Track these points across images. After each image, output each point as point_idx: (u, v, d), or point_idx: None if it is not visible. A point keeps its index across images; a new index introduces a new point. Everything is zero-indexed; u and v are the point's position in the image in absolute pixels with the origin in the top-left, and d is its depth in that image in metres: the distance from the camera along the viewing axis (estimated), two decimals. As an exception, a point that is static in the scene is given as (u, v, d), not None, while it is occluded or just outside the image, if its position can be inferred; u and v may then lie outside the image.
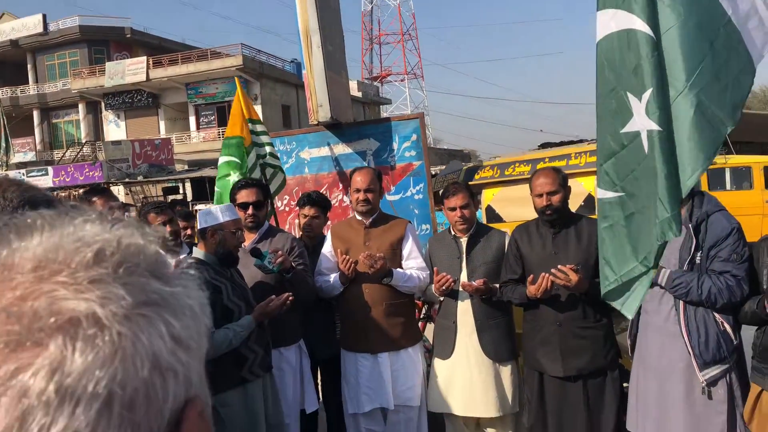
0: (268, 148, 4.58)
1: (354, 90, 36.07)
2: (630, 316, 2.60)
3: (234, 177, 4.42)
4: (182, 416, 0.51)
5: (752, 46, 2.20)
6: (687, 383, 2.83)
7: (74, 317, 0.46)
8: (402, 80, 60.03)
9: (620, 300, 2.51)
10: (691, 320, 2.81)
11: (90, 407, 0.44)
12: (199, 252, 3.02)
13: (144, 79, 29.18)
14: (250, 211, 3.55)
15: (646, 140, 2.20)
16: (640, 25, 2.20)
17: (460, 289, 3.46)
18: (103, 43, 32.58)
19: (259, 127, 4.71)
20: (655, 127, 2.16)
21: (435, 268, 3.52)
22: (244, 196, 3.60)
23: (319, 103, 4.36)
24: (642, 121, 2.19)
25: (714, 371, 2.78)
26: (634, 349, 3.13)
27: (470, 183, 4.15)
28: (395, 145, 4.57)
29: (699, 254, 2.81)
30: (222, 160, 4.55)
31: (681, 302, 2.83)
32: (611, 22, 2.26)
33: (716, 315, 2.78)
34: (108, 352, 0.46)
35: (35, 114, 33.52)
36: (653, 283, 2.91)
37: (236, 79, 5.49)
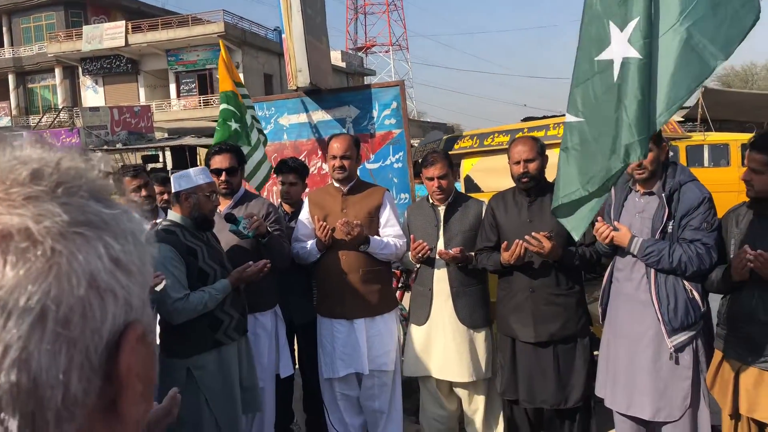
0: (251, 112, 4.54)
1: (338, 60, 35.68)
2: (576, 238, 2.72)
3: (234, 125, 4.42)
4: (122, 337, 0.51)
5: None
6: (655, 349, 2.90)
7: (6, 231, 0.46)
8: (387, 51, 59.51)
9: (567, 219, 2.63)
10: (662, 288, 2.86)
11: (22, 321, 0.44)
12: (174, 215, 3.00)
13: (123, 44, 28.60)
14: (223, 177, 3.51)
15: (618, 68, 2.23)
16: None
17: (437, 256, 3.49)
18: (79, 5, 31.79)
19: (242, 91, 4.65)
20: (635, 54, 2.19)
21: (412, 236, 3.55)
22: (217, 161, 3.56)
23: (298, 69, 4.31)
24: (620, 50, 2.22)
25: (681, 337, 2.85)
26: (605, 317, 3.19)
27: (450, 153, 4.15)
28: (375, 113, 4.54)
29: (671, 223, 2.86)
30: (222, 106, 4.48)
31: (652, 271, 2.88)
32: None
33: (686, 283, 2.84)
34: (40, 267, 0.46)
35: (10, 78, 32.77)
36: (626, 252, 2.96)
37: (221, 41, 5.41)
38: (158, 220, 3.43)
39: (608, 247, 3.04)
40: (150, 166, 20.53)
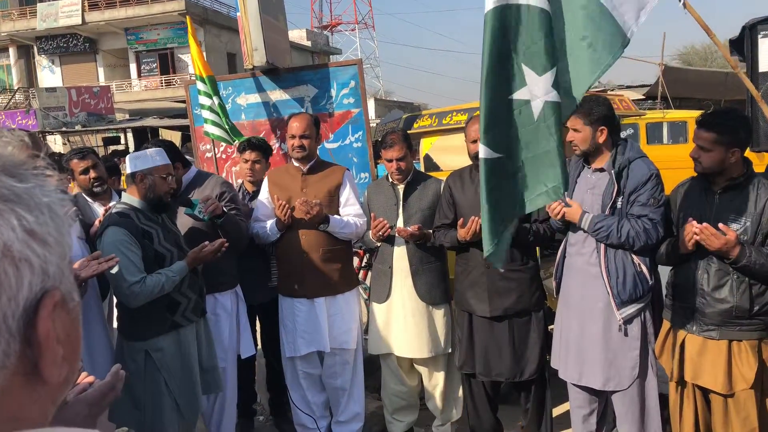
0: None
1: (303, 39, 35.24)
2: (501, 269, 2.72)
3: (206, 113, 4.52)
4: (40, 304, 0.54)
5: (621, 21, 2.35)
6: (605, 321, 2.99)
7: None
8: (353, 30, 58.94)
9: (497, 257, 2.53)
10: (611, 262, 2.95)
11: None
12: (128, 197, 2.96)
13: (79, 22, 27.72)
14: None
15: (539, 109, 2.32)
16: (543, 3, 2.29)
17: (396, 234, 3.52)
18: (33, -18, 30.65)
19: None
20: (556, 99, 2.31)
21: (372, 214, 3.57)
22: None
23: (254, 47, 4.26)
24: (537, 92, 2.31)
25: (630, 310, 2.94)
26: (559, 291, 3.27)
27: (409, 132, 4.16)
28: (333, 92, 4.52)
29: (620, 199, 2.93)
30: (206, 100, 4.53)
31: (602, 245, 2.96)
32: None
33: (634, 257, 2.93)
34: None
35: (-39, 58, 31.55)
36: (577, 228, 3.03)
37: (187, 18, 5.35)
38: (112, 203, 3.38)
39: (561, 222, 3.11)
40: (112, 148, 20.11)
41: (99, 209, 3.50)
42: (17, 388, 0.54)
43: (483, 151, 2.36)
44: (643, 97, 16.53)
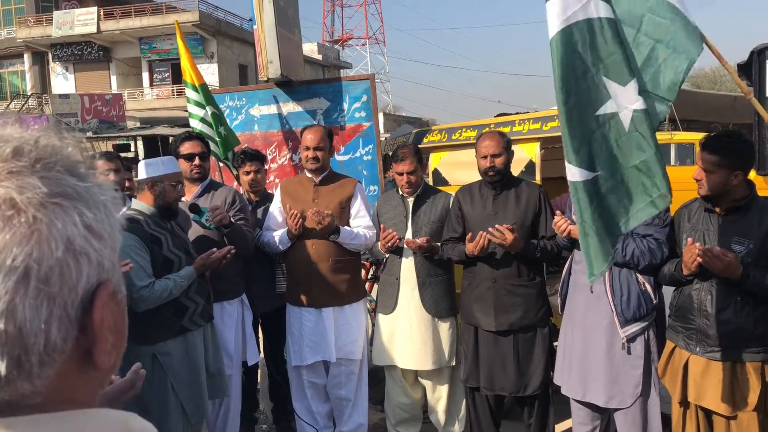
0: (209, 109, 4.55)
1: (314, 52, 35.50)
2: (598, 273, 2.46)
3: (196, 123, 4.51)
4: (95, 295, 0.59)
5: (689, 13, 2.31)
6: (609, 339, 3.01)
7: None
8: (363, 44, 59.36)
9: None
10: (616, 280, 2.97)
11: (9, 278, 0.53)
12: (139, 203, 3.01)
13: (94, 30, 28.05)
14: (196, 161, 3.55)
15: (629, 119, 2.26)
16: (610, 13, 2.27)
17: (405, 246, 3.56)
18: (50, -10, 31.08)
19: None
20: (643, 106, 2.26)
21: (381, 226, 3.61)
22: (188, 147, 3.60)
23: (269, 60, 4.33)
24: (624, 102, 2.26)
25: (634, 328, 2.96)
26: (564, 308, 3.29)
27: (419, 146, 4.22)
28: (345, 106, 4.59)
29: (626, 218, 2.95)
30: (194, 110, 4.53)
31: (607, 263, 2.98)
32: (577, 10, 2.26)
33: (638, 276, 2.95)
34: (24, 232, 0.54)
35: (-23, 63, 31.93)
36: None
37: (175, 22, 5.38)
38: (123, 209, 3.43)
39: (567, 240, 3.14)
40: (122, 155, 20.23)
41: None
42: (72, 372, 0.59)
43: (576, 173, 2.22)
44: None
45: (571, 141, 2.27)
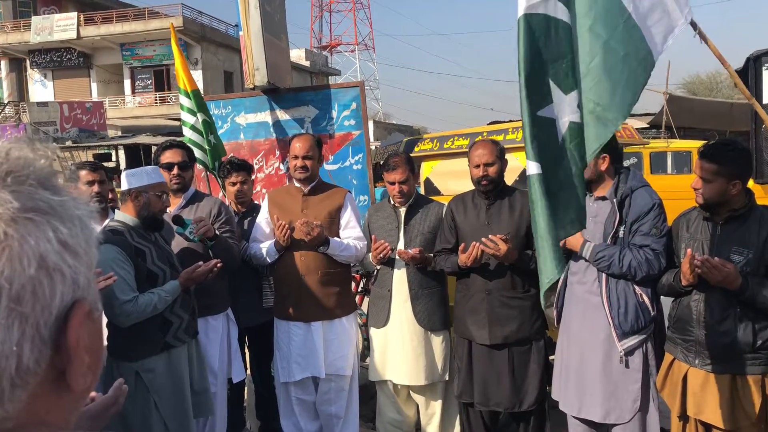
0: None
1: (302, 59, 35.61)
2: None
3: (188, 132, 4.50)
4: (70, 314, 0.58)
5: (651, 41, 2.30)
6: (606, 352, 3.02)
7: None
8: (352, 51, 59.60)
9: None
10: (613, 292, 2.99)
11: None
12: (122, 215, 3.00)
13: (74, 36, 28.01)
14: (174, 171, 3.54)
15: (563, 131, 2.26)
16: (567, 17, 2.26)
17: (397, 257, 3.57)
18: (29, -5, 31.03)
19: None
20: (579, 120, 2.26)
21: (373, 236, 3.61)
22: (168, 156, 3.60)
23: (255, 67, 4.34)
24: (562, 112, 2.26)
25: (632, 341, 2.98)
26: (560, 320, 3.30)
27: (410, 155, 4.25)
28: (334, 113, 4.61)
29: (622, 228, 2.99)
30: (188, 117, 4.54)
31: (603, 275, 3.01)
32: (540, 3, 2.25)
33: (636, 287, 2.97)
34: None
35: (-48, 69, 31.75)
36: (578, 256, 3.09)
37: (171, 25, 5.38)
38: (107, 221, 3.42)
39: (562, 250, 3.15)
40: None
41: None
42: (46, 394, 0.58)
43: (529, 165, 2.24)
44: (647, 125, 16.71)
45: (524, 132, 2.27)
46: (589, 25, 2.28)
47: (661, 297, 3.06)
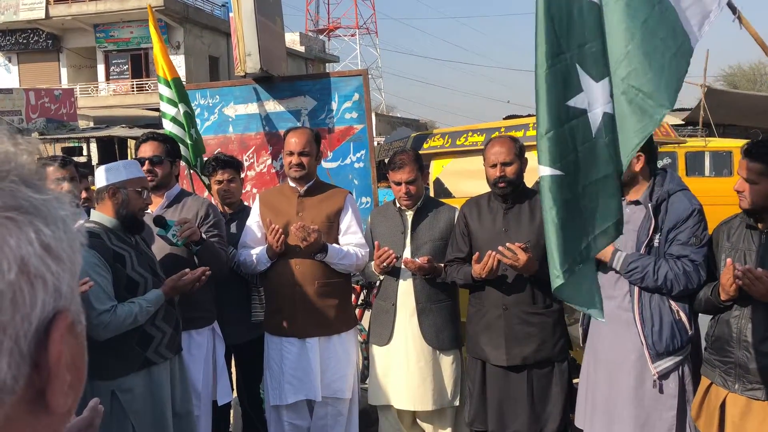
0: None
1: (296, 44, 35.68)
2: (601, 319, 2.43)
3: (168, 125, 4.53)
4: (51, 326, 0.58)
5: (687, 25, 2.29)
6: (638, 375, 3.03)
7: None
8: (352, 35, 59.69)
9: (575, 297, 2.42)
10: (646, 308, 3.00)
11: None
12: (98, 215, 3.01)
13: (42, 16, 28.06)
14: (146, 166, 3.53)
15: (597, 121, 2.23)
16: None
17: (402, 267, 3.57)
18: (-8, -30, 31.13)
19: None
20: (612, 111, 2.23)
21: (376, 243, 3.61)
22: (141, 150, 3.64)
23: (247, 52, 4.36)
24: (595, 102, 2.23)
25: (666, 363, 2.98)
26: (585, 339, 3.31)
27: (418, 152, 4.26)
28: (334, 105, 4.63)
29: (657, 236, 2.99)
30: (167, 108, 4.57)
31: (636, 288, 3.01)
32: None
33: (672, 303, 2.98)
34: None
35: None
36: (608, 268, 3.09)
37: (148, 6, 5.37)
38: (80, 222, 3.43)
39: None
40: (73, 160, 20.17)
41: None
42: (22, 417, 0.57)
43: (541, 168, 2.22)
44: (683, 122, 16.72)
45: (539, 128, 2.23)
46: (625, 2, 2.26)
47: (699, 315, 3.07)
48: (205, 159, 4.43)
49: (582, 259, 2.27)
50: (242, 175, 4.29)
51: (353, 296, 4.52)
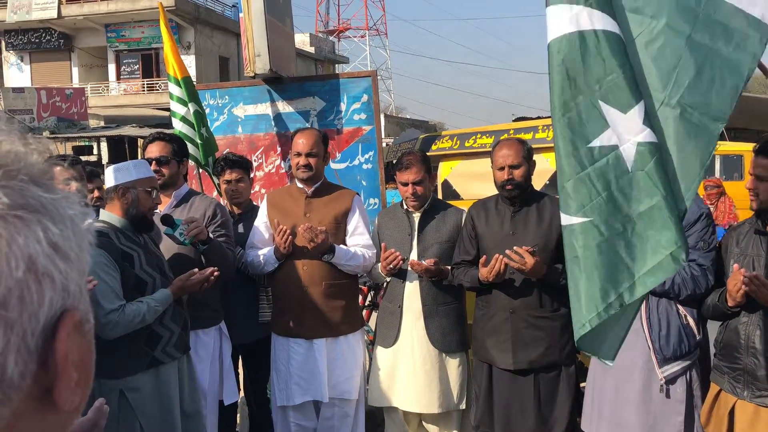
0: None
1: (306, 44, 35.76)
2: (611, 364, 2.42)
3: (178, 124, 4.55)
4: (59, 324, 0.59)
5: (752, 6, 2.17)
6: (645, 380, 3.02)
7: None
8: (362, 36, 59.75)
9: (599, 348, 2.35)
10: (653, 312, 2.99)
11: None
12: (107, 214, 3.02)
13: (55, 15, 28.23)
14: (153, 166, 3.54)
15: (632, 154, 2.17)
16: (612, 26, 2.19)
17: (409, 268, 3.57)
18: (5, -31, 31.34)
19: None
20: (651, 138, 2.15)
21: (383, 244, 3.62)
22: (149, 150, 3.66)
23: (256, 53, 4.38)
24: (626, 134, 2.17)
25: (674, 368, 2.97)
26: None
27: (427, 154, 4.27)
28: (343, 106, 4.64)
29: (665, 241, 2.97)
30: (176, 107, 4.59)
31: (644, 292, 2.99)
32: (571, 20, 2.20)
33: (680, 308, 2.97)
34: None
35: None
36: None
37: (159, 4, 5.38)
38: (89, 221, 3.44)
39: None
40: (83, 159, 20.29)
41: None
42: (29, 414, 0.58)
43: (564, 217, 2.21)
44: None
45: (560, 177, 2.19)
46: (665, 23, 2.20)
47: (708, 320, 3.05)
48: (218, 159, 4.44)
49: (622, 302, 2.17)
50: (252, 176, 4.29)
51: (360, 297, 4.53)
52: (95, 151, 21.97)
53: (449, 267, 3.56)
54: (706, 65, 2.19)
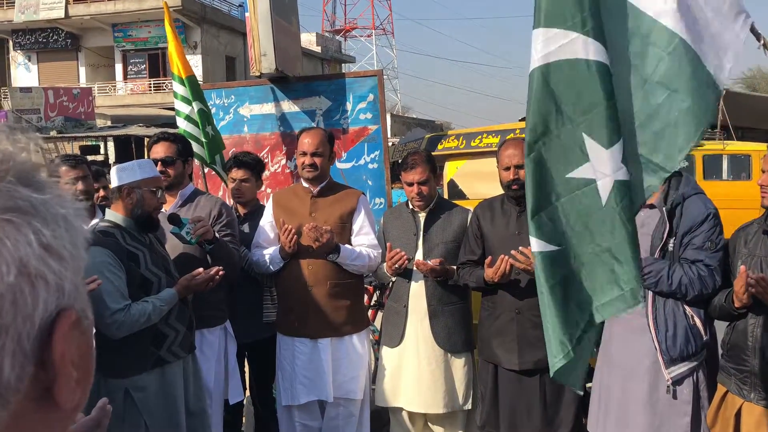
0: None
1: (312, 44, 35.78)
2: (578, 391, 2.48)
3: (182, 123, 4.55)
4: (55, 324, 0.58)
5: (714, 59, 2.17)
6: (651, 381, 3.00)
7: None
8: (369, 36, 59.75)
9: (568, 376, 2.34)
10: (660, 312, 2.97)
11: None
12: (113, 214, 3.02)
13: (62, 15, 28.34)
14: (158, 167, 3.55)
15: (608, 191, 2.15)
16: (604, 57, 2.14)
17: (414, 268, 3.56)
18: (12, -31, 31.46)
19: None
20: (626, 177, 2.14)
21: (388, 244, 3.61)
22: (153, 150, 3.67)
23: (262, 52, 4.37)
24: (605, 169, 2.15)
25: (680, 369, 2.95)
26: (598, 344, 3.28)
27: (432, 154, 4.26)
28: (349, 106, 4.63)
29: (672, 241, 2.97)
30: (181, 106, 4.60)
31: (650, 293, 2.98)
32: (564, 47, 2.16)
33: (686, 308, 2.95)
34: None
35: (-72, 50, 32.26)
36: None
37: (164, 4, 5.37)
38: (95, 221, 3.45)
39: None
40: (90, 158, 20.34)
41: None
42: (30, 414, 0.58)
43: (534, 243, 2.20)
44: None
45: (533, 203, 2.18)
46: (630, 62, 2.20)
47: (716, 321, 3.04)
48: (229, 156, 4.43)
49: (583, 333, 2.21)
50: (261, 177, 4.28)
51: (366, 297, 4.52)
52: (102, 151, 22.02)
53: (455, 267, 3.55)
54: (661, 111, 2.17)
